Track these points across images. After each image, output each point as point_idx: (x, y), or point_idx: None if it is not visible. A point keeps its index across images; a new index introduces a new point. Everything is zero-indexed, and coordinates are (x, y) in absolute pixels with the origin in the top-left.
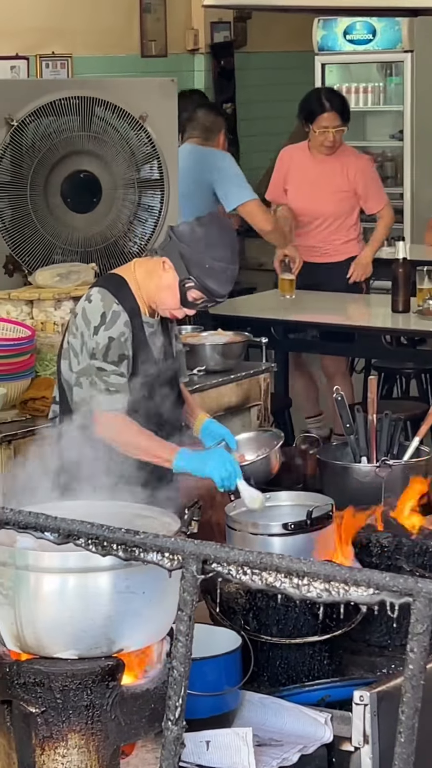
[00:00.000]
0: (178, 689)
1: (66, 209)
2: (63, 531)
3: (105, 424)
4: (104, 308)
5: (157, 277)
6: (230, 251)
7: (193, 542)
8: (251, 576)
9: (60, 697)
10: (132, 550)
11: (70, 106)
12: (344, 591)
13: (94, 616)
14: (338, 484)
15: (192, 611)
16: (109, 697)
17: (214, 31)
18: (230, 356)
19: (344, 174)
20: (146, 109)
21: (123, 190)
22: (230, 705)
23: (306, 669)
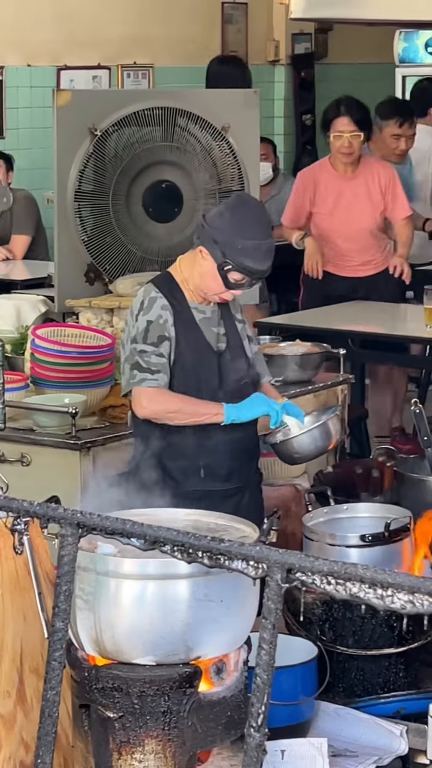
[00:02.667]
0: (261, 696)
1: (147, 219)
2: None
3: (147, 399)
4: (143, 297)
5: (198, 266)
6: (260, 227)
7: (278, 551)
8: (335, 586)
9: (138, 702)
10: (217, 558)
11: (152, 116)
12: (428, 603)
13: (172, 623)
14: (415, 497)
15: (276, 620)
16: (186, 703)
17: (295, 42)
18: (308, 367)
19: (375, 183)
20: (228, 120)
21: (204, 200)
22: (306, 715)
23: (382, 681)
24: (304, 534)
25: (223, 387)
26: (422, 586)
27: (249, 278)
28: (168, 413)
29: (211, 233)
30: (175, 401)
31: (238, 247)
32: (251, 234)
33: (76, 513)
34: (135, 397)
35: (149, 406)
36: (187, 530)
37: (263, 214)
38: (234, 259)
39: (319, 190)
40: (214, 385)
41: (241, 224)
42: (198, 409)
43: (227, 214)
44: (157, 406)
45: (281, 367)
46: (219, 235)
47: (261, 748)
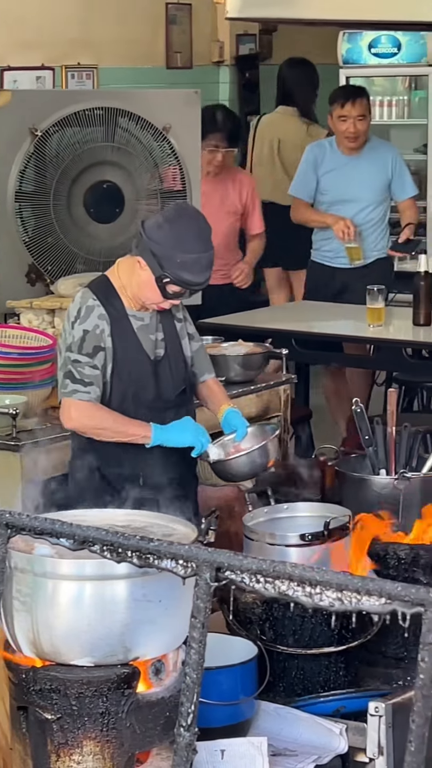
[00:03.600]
0: (191, 696)
1: (89, 219)
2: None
3: (76, 411)
4: (81, 304)
5: (136, 275)
6: (200, 240)
7: (207, 550)
8: (264, 584)
9: (76, 704)
10: (146, 557)
11: (94, 116)
12: (356, 600)
13: (110, 624)
14: (356, 496)
15: (206, 618)
16: (124, 704)
17: (240, 43)
18: (250, 367)
19: (236, 192)
20: (170, 121)
21: (146, 200)
22: (245, 714)
23: (322, 680)
24: (244, 534)
25: (162, 396)
26: (350, 584)
27: (188, 290)
28: (95, 429)
29: (150, 245)
30: (104, 418)
31: (177, 261)
32: (190, 247)
33: (5, 513)
34: (64, 407)
35: (78, 419)
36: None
37: (204, 226)
38: (172, 272)
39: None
40: (150, 396)
41: (180, 237)
42: (126, 430)
43: (166, 226)
44: (86, 421)
45: (223, 368)
46: (157, 248)
47: (191, 747)
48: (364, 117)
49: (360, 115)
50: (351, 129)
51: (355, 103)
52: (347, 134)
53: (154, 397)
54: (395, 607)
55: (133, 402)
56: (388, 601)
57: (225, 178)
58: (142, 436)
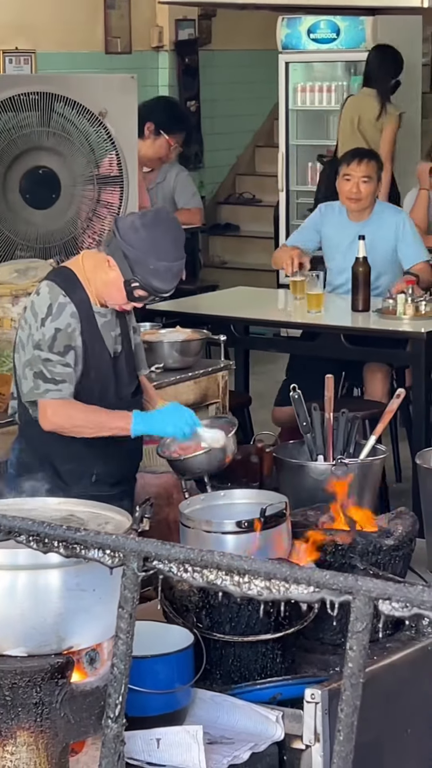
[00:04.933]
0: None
1: (25, 205)
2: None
3: (52, 412)
4: (51, 300)
5: (103, 272)
6: (174, 249)
7: (134, 540)
8: (192, 573)
9: (9, 694)
10: (73, 547)
11: (29, 101)
12: (285, 589)
13: (44, 614)
14: (294, 483)
15: (133, 609)
16: (58, 694)
17: (179, 28)
18: (188, 354)
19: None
20: (106, 106)
21: (82, 186)
22: (182, 702)
23: (258, 667)
24: (180, 521)
25: (120, 394)
26: (278, 573)
27: (153, 296)
28: (74, 427)
29: (123, 247)
30: (81, 415)
31: (150, 267)
32: (164, 255)
33: None
34: (40, 409)
35: (54, 420)
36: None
37: (179, 234)
38: (143, 278)
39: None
40: (111, 394)
41: (156, 244)
42: (106, 423)
43: (143, 231)
44: (63, 420)
45: (161, 354)
46: (131, 251)
47: (119, 739)
48: (370, 179)
49: (365, 177)
50: (353, 189)
51: (361, 163)
52: (349, 194)
53: (114, 395)
54: (323, 595)
55: (99, 402)
56: (316, 590)
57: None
58: (123, 428)
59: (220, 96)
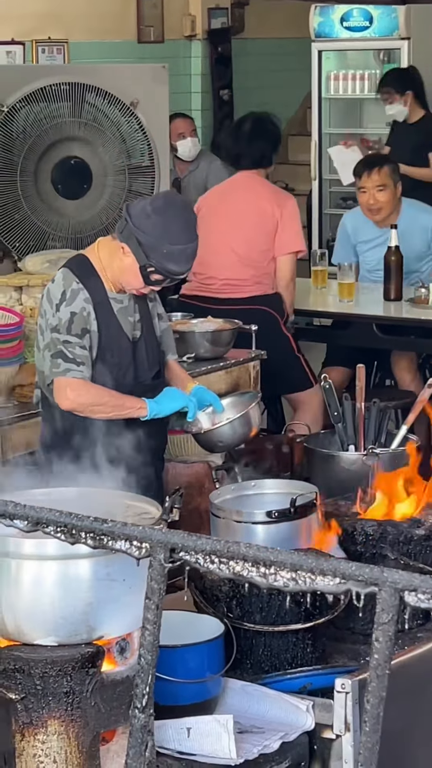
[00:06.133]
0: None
1: (56, 195)
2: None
3: (71, 390)
4: (65, 287)
5: (118, 259)
6: (187, 230)
7: (161, 531)
8: (219, 565)
9: (40, 683)
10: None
11: (60, 92)
12: (311, 580)
13: (74, 603)
14: (325, 473)
15: (160, 600)
16: (89, 683)
17: (212, 17)
18: (220, 344)
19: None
20: (138, 95)
21: (113, 176)
22: (212, 692)
23: (289, 656)
24: (211, 511)
25: (139, 379)
26: (304, 564)
27: (170, 279)
28: (93, 406)
29: (136, 234)
30: (100, 394)
31: (164, 252)
32: (177, 239)
33: None
34: (59, 387)
35: (75, 398)
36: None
37: (191, 216)
38: (158, 262)
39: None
40: (130, 379)
41: (168, 229)
42: (123, 403)
43: (154, 217)
44: (83, 398)
45: (192, 345)
46: (144, 237)
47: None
48: (385, 187)
49: (379, 186)
50: (370, 201)
51: (371, 173)
52: (368, 206)
53: (132, 380)
54: (350, 587)
55: (115, 387)
56: (342, 581)
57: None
58: (138, 407)
59: (252, 84)
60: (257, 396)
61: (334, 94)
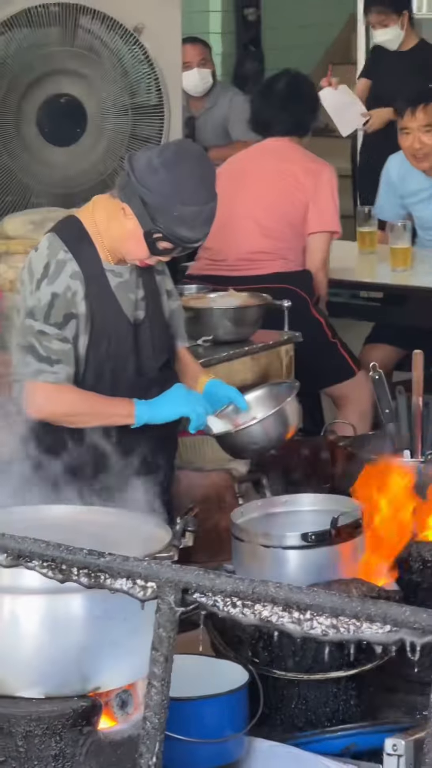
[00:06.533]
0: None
1: (43, 141)
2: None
3: (44, 398)
4: (49, 257)
5: (117, 223)
6: (203, 188)
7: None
8: (242, 609)
9: (23, 744)
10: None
11: (48, 15)
12: (355, 628)
13: (64, 647)
14: None
15: (169, 651)
16: (82, 745)
17: None
18: (244, 323)
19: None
20: (143, 20)
21: (113, 118)
22: (234, 754)
23: (328, 711)
24: (232, 533)
25: (142, 370)
26: (347, 608)
27: (181, 247)
28: (68, 417)
29: (140, 192)
30: (77, 402)
31: (174, 215)
32: (191, 198)
33: None
34: (28, 393)
35: (44, 407)
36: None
37: (208, 171)
38: (167, 227)
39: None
40: (130, 371)
41: (180, 186)
42: (104, 410)
43: (162, 171)
44: (56, 408)
45: (210, 325)
46: (150, 197)
47: None
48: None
49: (426, 126)
50: (415, 145)
51: (415, 111)
52: (411, 150)
53: (134, 371)
54: (402, 636)
55: (111, 380)
56: (393, 629)
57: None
58: (125, 415)
59: (285, 1)
60: (295, 387)
61: None
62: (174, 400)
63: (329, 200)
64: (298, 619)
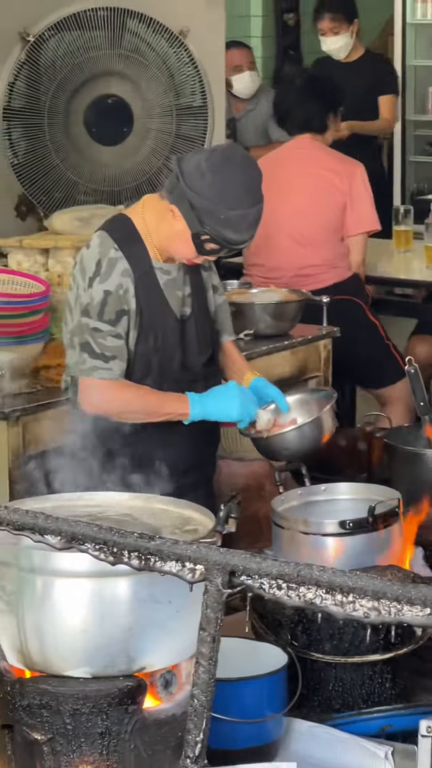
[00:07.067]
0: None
1: (90, 141)
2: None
3: (98, 394)
4: (100, 255)
5: (166, 224)
6: (250, 192)
7: (218, 550)
8: (287, 591)
9: (70, 722)
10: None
11: (97, 18)
12: (396, 610)
13: (111, 629)
14: (409, 474)
15: (217, 631)
16: (128, 723)
17: None
18: (284, 318)
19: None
20: (188, 23)
21: (159, 118)
22: (273, 734)
23: (364, 693)
24: (273, 520)
25: (188, 365)
26: (389, 591)
27: (228, 248)
28: (122, 413)
29: (189, 195)
30: (132, 400)
31: (221, 218)
32: (238, 202)
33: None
34: (83, 389)
35: (100, 404)
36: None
37: (254, 174)
38: (213, 230)
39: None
40: (176, 366)
41: (227, 190)
42: (159, 408)
43: (209, 176)
44: (110, 405)
45: (251, 319)
46: (198, 200)
47: None
48: None
49: None
50: None
51: None
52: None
53: (180, 366)
54: None
55: (158, 375)
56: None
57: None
58: (179, 413)
59: None
60: (333, 396)
61: (422, 19)
62: (228, 397)
63: (366, 199)
64: (341, 601)
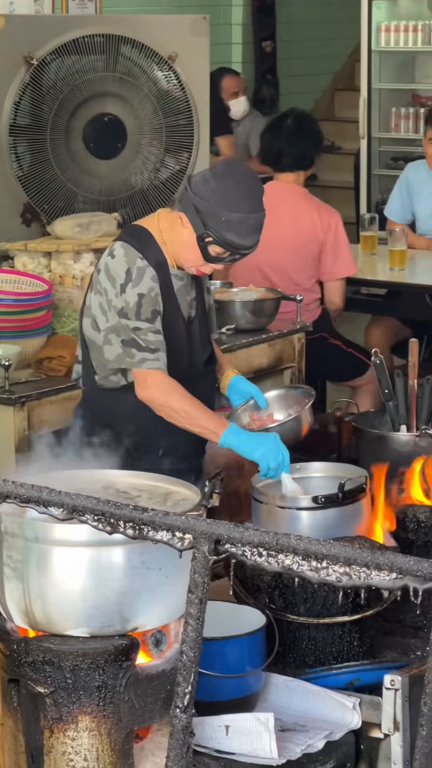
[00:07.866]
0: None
1: (88, 155)
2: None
3: (153, 381)
4: (128, 264)
5: (177, 232)
6: (250, 198)
7: (205, 521)
8: (267, 558)
9: (70, 676)
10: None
11: (94, 44)
12: (365, 575)
13: (107, 593)
14: (375, 454)
15: (203, 594)
16: (122, 677)
17: None
18: (262, 314)
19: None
20: (176, 49)
21: (149, 135)
22: (253, 687)
23: (334, 650)
24: (252, 496)
25: (192, 363)
26: (359, 558)
27: (231, 253)
28: (167, 407)
29: (194, 200)
30: (183, 401)
31: (222, 219)
32: (237, 206)
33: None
34: (138, 378)
35: (153, 391)
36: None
37: (255, 184)
38: (216, 231)
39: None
40: (184, 363)
41: (228, 194)
42: (198, 419)
43: (213, 181)
44: (160, 395)
45: (233, 315)
46: (202, 203)
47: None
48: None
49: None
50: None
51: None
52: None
53: (187, 364)
54: (407, 582)
55: (172, 372)
56: (399, 576)
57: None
58: (212, 431)
59: (297, 36)
60: (312, 395)
61: (385, 47)
62: (263, 445)
63: (344, 246)
64: (315, 567)
